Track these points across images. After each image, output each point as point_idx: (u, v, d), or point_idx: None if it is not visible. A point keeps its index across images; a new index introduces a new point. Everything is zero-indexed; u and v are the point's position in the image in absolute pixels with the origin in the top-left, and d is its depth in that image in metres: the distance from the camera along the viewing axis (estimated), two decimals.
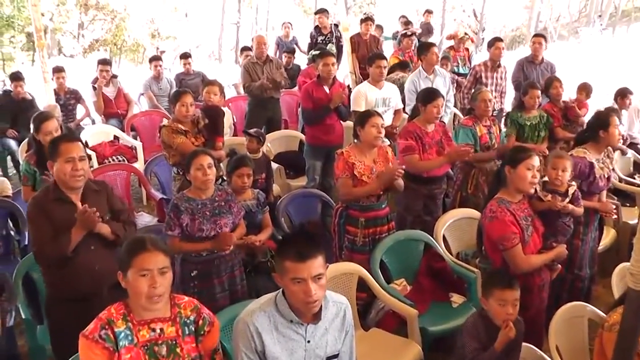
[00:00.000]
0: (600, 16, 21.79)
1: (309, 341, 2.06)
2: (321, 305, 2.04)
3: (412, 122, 4.25)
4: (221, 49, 21.17)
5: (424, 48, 5.93)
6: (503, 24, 23.42)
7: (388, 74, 5.92)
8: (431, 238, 3.82)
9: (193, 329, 2.13)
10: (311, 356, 2.08)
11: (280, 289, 2.07)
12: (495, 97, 5.50)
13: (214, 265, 3.23)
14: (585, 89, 5.77)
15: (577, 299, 3.16)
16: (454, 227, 4.04)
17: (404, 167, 3.69)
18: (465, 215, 4.12)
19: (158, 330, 2.06)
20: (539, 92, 5.08)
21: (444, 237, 3.94)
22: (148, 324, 2.05)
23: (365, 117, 3.69)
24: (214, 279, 3.24)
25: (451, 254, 3.91)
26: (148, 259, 2.01)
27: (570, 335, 2.91)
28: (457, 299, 3.63)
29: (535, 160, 2.96)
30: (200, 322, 2.14)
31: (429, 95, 4.16)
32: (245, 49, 8.49)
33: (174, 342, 2.07)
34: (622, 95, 6.00)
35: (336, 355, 2.15)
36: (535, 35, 6.76)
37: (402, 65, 6.96)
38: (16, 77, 6.56)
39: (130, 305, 2.05)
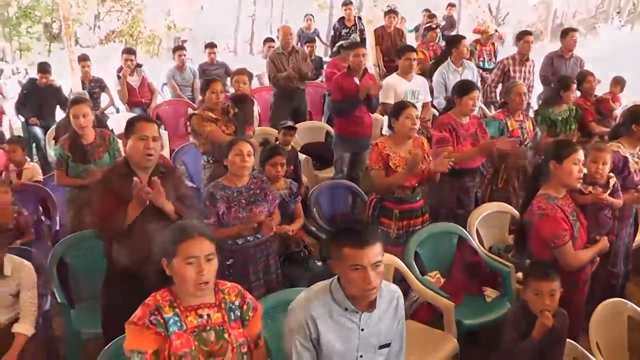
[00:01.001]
0: (619, 12, 21.54)
1: (362, 329, 2.04)
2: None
3: (446, 114, 4.20)
4: (237, 41, 21.19)
5: (455, 41, 5.84)
6: (518, 19, 23.18)
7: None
8: (465, 231, 3.78)
9: (239, 314, 2.09)
10: (364, 344, 2.06)
11: (335, 277, 2.05)
12: None
13: (249, 253, 3.22)
14: (619, 83, 5.74)
15: (610, 296, 3.09)
16: (486, 221, 4.00)
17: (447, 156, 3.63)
18: (498, 209, 4.08)
19: (205, 316, 2.03)
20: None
21: (476, 230, 3.90)
22: (195, 310, 2.02)
23: (399, 109, 3.66)
24: (249, 268, 3.22)
25: (484, 247, 3.87)
26: (194, 246, 1.98)
27: (609, 332, 2.85)
28: (490, 293, 3.60)
29: (581, 155, 2.90)
30: (245, 307, 2.11)
31: (465, 88, 4.12)
32: (268, 40, 8.47)
33: (222, 327, 2.04)
34: None
35: (388, 344, 2.13)
36: (572, 30, 6.65)
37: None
38: (43, 69, 6.60)
39: (176, 292, 2.02)
